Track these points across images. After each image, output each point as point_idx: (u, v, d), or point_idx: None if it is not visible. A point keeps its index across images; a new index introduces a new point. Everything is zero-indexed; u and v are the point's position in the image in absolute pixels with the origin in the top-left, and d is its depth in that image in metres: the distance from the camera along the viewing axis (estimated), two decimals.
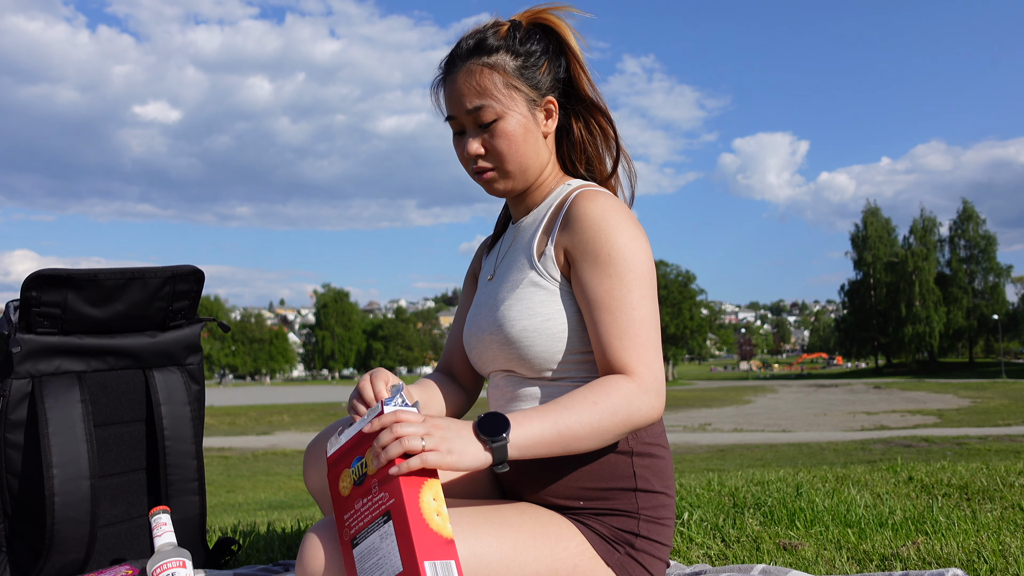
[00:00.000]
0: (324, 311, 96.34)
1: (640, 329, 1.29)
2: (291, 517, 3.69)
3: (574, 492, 1.35)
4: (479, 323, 1.47)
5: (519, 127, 1.41)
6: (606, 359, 1.30)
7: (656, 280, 1.36)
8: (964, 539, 1.86)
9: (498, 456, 1.14)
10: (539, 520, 1.31)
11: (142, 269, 1.73)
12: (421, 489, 1.08)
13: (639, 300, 1.31)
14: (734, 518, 2.21)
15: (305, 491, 11.02)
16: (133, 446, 1.79)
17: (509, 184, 1.45)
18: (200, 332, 1.90)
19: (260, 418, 29.89)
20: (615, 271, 1.31)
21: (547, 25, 1.46)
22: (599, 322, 1.30)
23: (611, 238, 1.32)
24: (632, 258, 1.32)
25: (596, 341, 1.31)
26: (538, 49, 1.43)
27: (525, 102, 1.41)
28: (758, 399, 35.30)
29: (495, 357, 1.43)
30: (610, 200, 1.37)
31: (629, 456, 1.36)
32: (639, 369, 1.27)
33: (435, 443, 1.10)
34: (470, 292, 1.66)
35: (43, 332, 1.66)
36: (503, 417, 1.16)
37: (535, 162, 1.45)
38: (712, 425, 21.82)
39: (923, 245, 67.04)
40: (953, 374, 57.96)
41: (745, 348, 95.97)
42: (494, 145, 1.41)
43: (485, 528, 1.22)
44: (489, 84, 1.39)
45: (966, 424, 18.88)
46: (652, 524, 1.36)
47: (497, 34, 1.41)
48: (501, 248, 1.56)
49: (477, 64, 1.40)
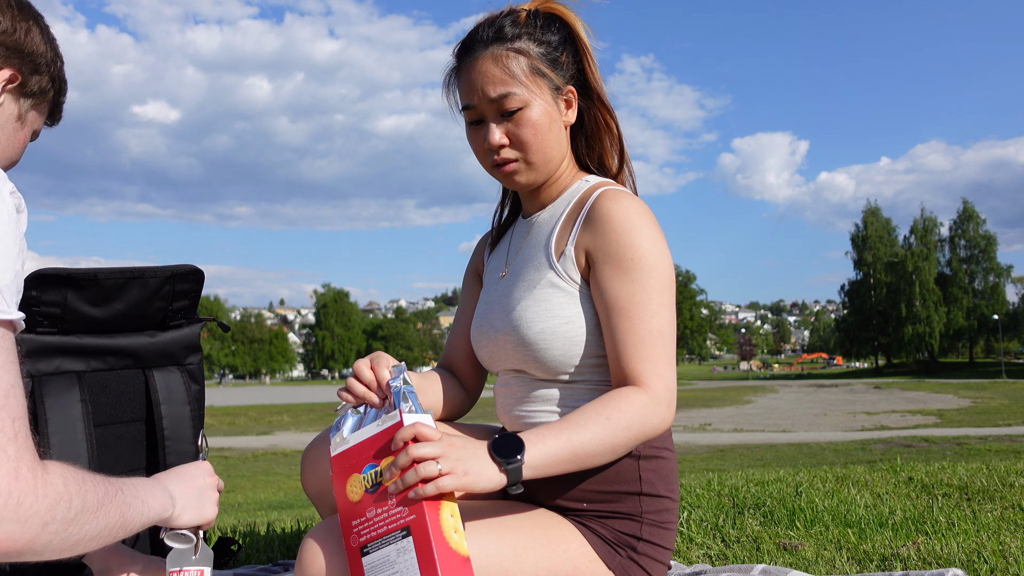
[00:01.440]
0: (324, 311, 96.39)
1: (657, 339, 1.27)
2: (291, 517, 3.69)
3: (578, 494, 1.34)
4: (492, 321, 1.44)
5: (544, 116, 1.36)
6: (620, 366, 1.28)
7: (675, 287, 1.34)
8: (964, 539, 1.86)
9: (513, 477, 1.13)
10: (540, 522, 1.30)
11: (142, 269, 1.73)
12: (440, 507, 1.08)
13: (658, 308, 1.29)
14: (734, 518, 2.21)
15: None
16: (133, 446, 1.79)
17: (532, 176, 1.41)
18: (200, 332, 1.90)
19: (260, 418, 29.88)
20: (638, 276, 1.29)
21: (558, 15, 1.41)
22: (616, 328, 1.29)
23: (635, 241, 1.30)
24: (656, 263, 1.30)
25: (611, 346, 1.30)
26: (556, 38, 1.39)
27: (550, 90, 1.37)
28: (758, 399, 35.28)
29: (508, 357, 1.41)
30: (635, 202, 1.34)
31: (636, 460, 1.34)
32: (652, 380, 1.26)
33: (451, 465, 1.08)
34: (472, 289, 1.63)
35: (43, 331, 1.66)
36: (517, 438, 1.15)
37: (557, 154, 1.41)
38: (712, 425, 21.81)
39: (923, 245, 67.03)
40: (953, 374, 57.91)
41: (745, 348, 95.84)
42: (519, 135, 1.36)
43: (484, 530, 1.21)
44: (516, 70, 1.34)
45: (966, 424, 18.87)
46: (655, 528, 1.35)
47: (516, 21, 1.37)
48: (512, 243, 1.52)
49: (501, 50, 1.34)
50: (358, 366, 1.29)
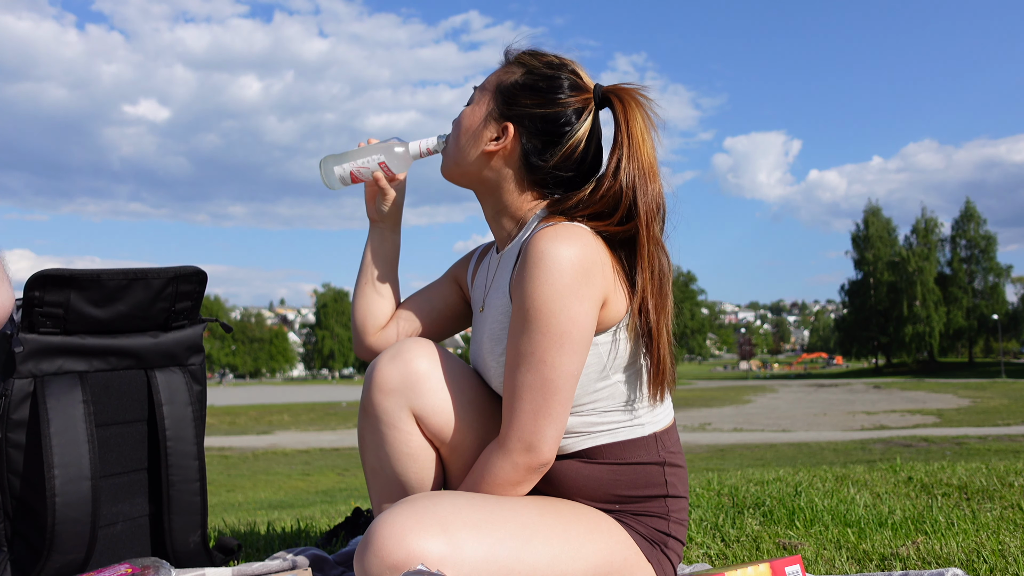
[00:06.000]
0: (324, 311, 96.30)
1: (526, 392, 1.31)
2: (291, 517, 3.70)
3: (610, 498, 1.41)
4: (484, 362, 1.49)
5: (469, 123, 1.48)
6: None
7: (588, 335, 1.31)
8: (964, 539, 1.87)
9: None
10: (591, 517, 1.38)
11: (145, 270, 1.73)
12: None
13: (539, 361, 1.29)
14: (734, 518, 2.22)
15: (305, 491, 11.02)
16: (135, 446, 1.79)
17: (447, 166, 1.54)
18: (202, 333, 1.90)
19: (260, 417, 29.89)
20: (526, 326, 1.30)
21: (612, 97, 1.43)
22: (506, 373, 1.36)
23: (532, 291, 1.29)
24: (548, 315, 1.28)
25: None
26: (550, 87, 1.42)
27: (488, 109, 1.47)
28: (758, 399, 35.29)
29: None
30: (560, 245, 1.28)
31: (661, 466, 1.42)
32: (506, 431, 1.33)
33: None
34: (445, 284, 1.71)
35: (45, 332, 1.66)
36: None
37: (472, 165, 1.48)
38: (712, 425, 21.82)
39: (924, 245, 67.01)
40: (953, 374, 57.91)
41: (745, 348, 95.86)
42: (454, 123, 1.53)
43: (552, 519, 1.33)
44: (495, 77, 1.49)
45: (966, 424, 18.88)
46: (678, 525, 1.44)
47: (542, 58, 1.48)
48: (488, 273, 1.57)
49: (506, 64, 1.50)
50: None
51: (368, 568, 1.18)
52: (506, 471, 1.33)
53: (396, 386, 1.40)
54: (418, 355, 1.42)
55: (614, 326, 1.37)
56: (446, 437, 1.42)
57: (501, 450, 1.33)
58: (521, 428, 1.31)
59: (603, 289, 1.32)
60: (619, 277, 1.37)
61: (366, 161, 1.63)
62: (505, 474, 1.33)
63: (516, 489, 1.35)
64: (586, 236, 1.32)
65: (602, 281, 1.31)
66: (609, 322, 1.36)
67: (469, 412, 1.44)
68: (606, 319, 1.35)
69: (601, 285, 1.31)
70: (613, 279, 1.35)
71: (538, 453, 1.31)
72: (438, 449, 1.45)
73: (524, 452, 1.31)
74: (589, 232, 1.34)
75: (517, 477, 1.33)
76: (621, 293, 1.37)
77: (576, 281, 1.28)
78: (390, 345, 1.54)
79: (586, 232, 1.33)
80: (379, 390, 1.41)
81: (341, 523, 2.33)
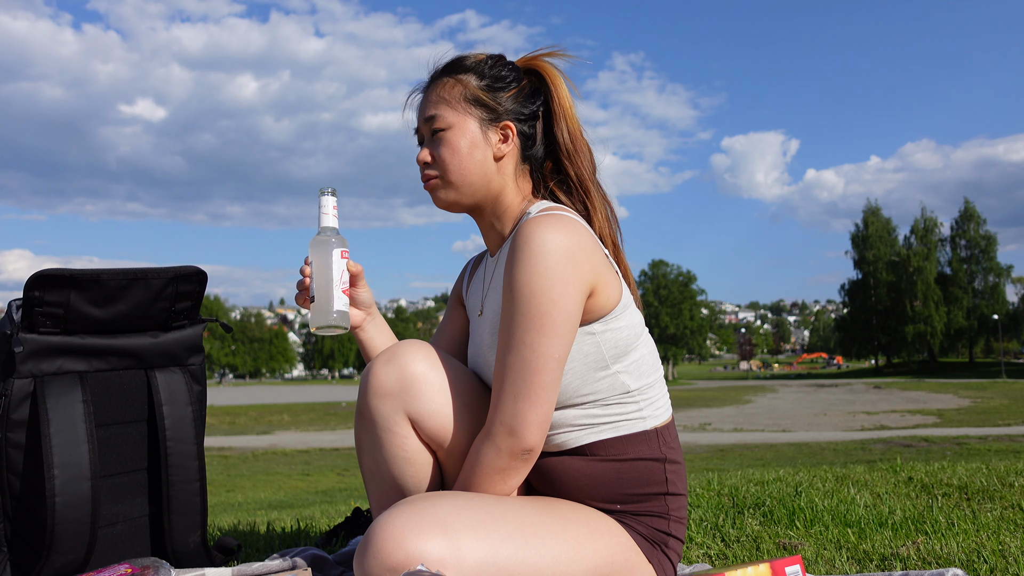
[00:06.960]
0: None
1: (507, 372, 1.32)
2: (291, 517, 3.69)
3: (612, 497, 1.41)
4: (485, 363, 1.50)
5: (465, 140, 1.45)
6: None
7: (572, 319, 1.31)
8: (964, 539, 1.87)
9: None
10: (591, 517, 1.38)
11: (145, 270, 1.73)
12: None
13: (519, 343, 1.30)
14: (734, 518, 2.22)
15: (305, 491, 11.01)
16: (134, 446, 1.79)
17: (451, 195, 1.48)
18: (202, 333, 1.90)
19: (260, 418, 29.89)
20: (512, 307, 1.32)
21: (536, 68, 1.52)
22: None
23: (518, 273, 1.30)
24: (531, 295, 1.29)
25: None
26: (508, 75, 1.49)
27: (479, 119, 1.46)
28: (758, 399, 35.29)
29: None
30: (544, 230, 1.31)
31: (662, 463, 1.42)
32: (492, 415, 1.33)
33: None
34: (454, 312, 1.71)
35: (45, 332, 1.66)
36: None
37: (479, 179, 1.47)
38: (712, 425, 21.82)
39: (924, 245, 66.97)
40: (953, 374, 57.91)
41: (745, 348, 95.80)
42: (439, 154, 1.47)
43: (551, 520, 1.33)
44: (448, 96, 1.47)
45: (966, 424, 18.88)
46: (678, 524, 1.44)
47: (473, 59, 1.50)
48: (485, 277, 1.57)
49: (444, 78, 1.49)
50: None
51: (368, 569, 1.18)
52: (491, 457, 1.32)
53: (391, 390, 1.39)
54: (414, 358, 1.40)
55: (608, 314, 1.38)
56: (443, 440, 1.41)
57: (486, 436, 1.33)
58: (503, 411, 1.31)
59: (591, 275, 1.33)
60: (611, 265, 1.40)
61: (332, 271, 1.52)
62: (490, 460, 1.32)
63: (505, 478, 1.33)
64: (574, 224, 1.35)
65: (589, 267, 1.33)
66: (603, 310, 1.37)
67: (466, 415, 1.42)
68: (599, 307, 1.36)
69: (588, 271, 1.32)
70: (604, 266, 1.37)
71: (520, 437, 1.30)
72: (435, 452, 1.45)
73: (507, 436, 1.30)
74: (579, 220, 1.38)
75: (502, 463, 1.32)
76: (613, 281, 1.38)
77: (559, 264, 1.29)
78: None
79: (575, 220, 1.36)
80: (374, 394, 1.40)
81: (341, 523, 2.33)
